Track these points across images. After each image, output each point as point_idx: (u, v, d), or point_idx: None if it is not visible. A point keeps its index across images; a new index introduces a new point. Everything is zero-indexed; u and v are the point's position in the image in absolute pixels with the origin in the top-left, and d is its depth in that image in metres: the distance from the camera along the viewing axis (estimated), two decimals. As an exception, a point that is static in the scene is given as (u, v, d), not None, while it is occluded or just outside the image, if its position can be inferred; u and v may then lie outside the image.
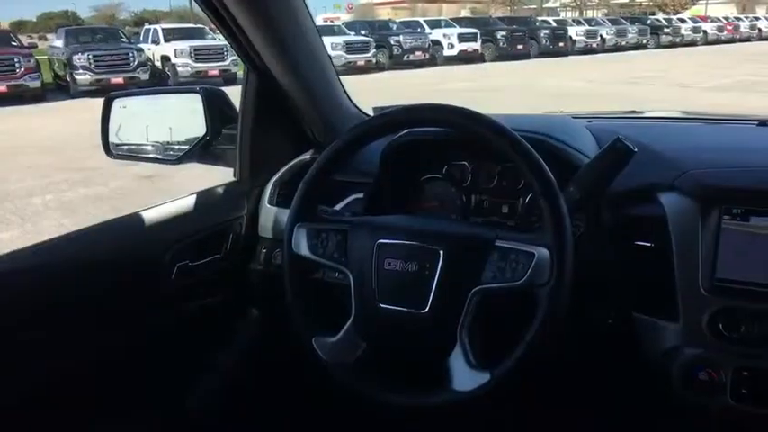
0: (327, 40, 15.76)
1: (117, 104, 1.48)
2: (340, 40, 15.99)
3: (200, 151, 1.47)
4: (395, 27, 18.63)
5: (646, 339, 1.10)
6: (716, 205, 1.05)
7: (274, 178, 1.46)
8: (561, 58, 19.33)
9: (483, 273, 0.95)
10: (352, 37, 16.72)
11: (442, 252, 0.97)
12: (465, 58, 17.94)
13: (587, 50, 20.85)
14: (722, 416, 1.05)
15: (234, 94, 1.49)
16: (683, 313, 1.05)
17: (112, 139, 1.49)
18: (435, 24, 18.86)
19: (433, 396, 0.96)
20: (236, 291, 1.43)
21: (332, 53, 15.60)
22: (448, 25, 18.82)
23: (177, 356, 1.31)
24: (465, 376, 0.94)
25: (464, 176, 1.35)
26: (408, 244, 1.00)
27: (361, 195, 1.36)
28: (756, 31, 27.50)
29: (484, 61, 18.39)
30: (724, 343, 1.01)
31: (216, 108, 1.44)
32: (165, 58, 15.27)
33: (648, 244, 1.10)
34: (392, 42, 17.10)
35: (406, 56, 17.14)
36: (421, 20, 19.08)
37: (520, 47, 19.07)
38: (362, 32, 17.65)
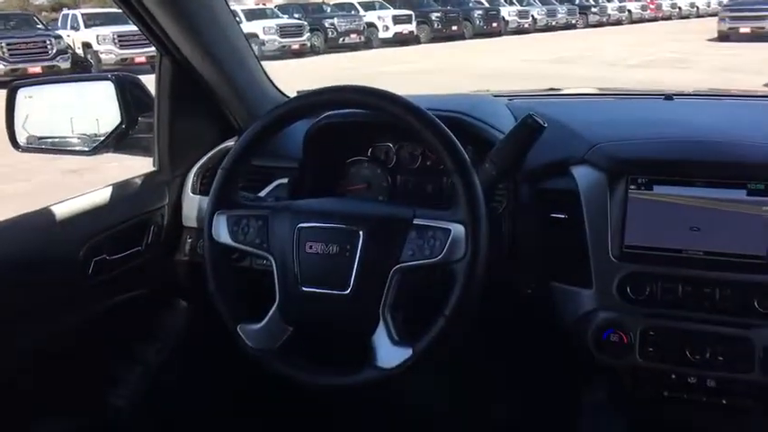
0: (260, 24, 15.42)
1: (22, 94, 1.41)
2: (273, 23, 15.62)
3: (117, 141, 1.41)
4: (329, 10, 18.33)
5: (563, 306, 1.15)
6: (622, 176, 1.10)
7: (197, 166, 1.43)
8: (495, 39, 19.63)
9: (402, 251, 0.97)
10: (285, 20, 16.35)
11: (361, 233, 0.98)
12: (401, 40, 17.89)
13: (520, 31, 21.21)
14: (631, 373, 1.11)
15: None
16: (595, 280, 1.10)
17: (19, 131, 1.41)
18: (370, 6, 18.66)
19: (358, 375, 0.98)
20: (161, 283, 1.40)
21: (265, 37, 15.41)
22: (382, 7, 18.66)
23: (100, 354, 1.28)
24: (388, 353, 0.96)
25: (389, 158, 1.37)
26: (328, 227, 1.00)
27: (285, 180, 1.35)
28: (677, 9, 28.76)
29: (419, 43, 18.40)
30: (632, 306, 1.08)
31: (130, 95, 1.39)
32: (86, 45, 14.52)
33: (563, 215, 1.14)
34: (327, 25, 16.82)
35: (341, 39, 16.92)
36: (355, 2, 18.81)
37: (454, 28, 19.18)
38: (296, 16, 17.28)
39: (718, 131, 1.18)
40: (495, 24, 20.36)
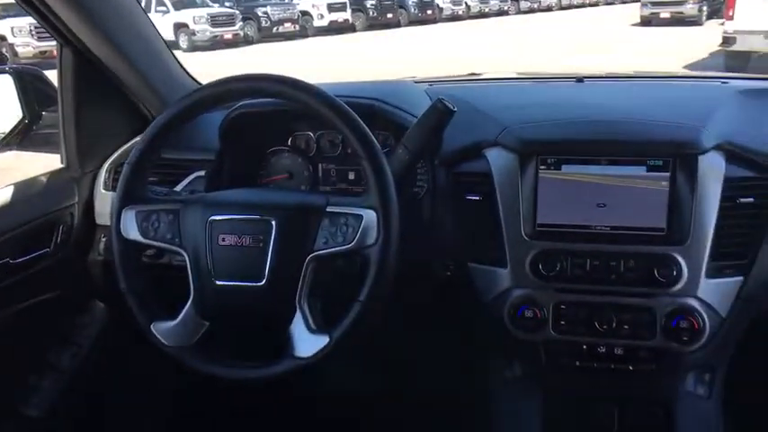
0: (189, 14, 14.92)
1: None
2: (203, 12, 15.14)
3: (20, 138, 1.34)
4: (262, -2, 18.00)
5: (481, 285, 1.18)
6: (532, 157, 1.14)
7: (108, 162, 1.38)
8: (431, 26, 19.76)
9: (316, 239, 0.97)
10: (216, 9, 15.87)
11: (274, 223, 0.97)
12: (336, 29, 17.71)
13: (454, 17, 21.43)
14: (546, 346, 1.16)
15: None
16: (509, 259, 1.13)
17: None
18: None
19: (276, 366, 0.97)
20: (75, 284, 1.34)
21: (195, 27, 14.95)
22: (315, -6, 18.48)
23: (11, 362, 1.21)
24: (306, 342, 0.96)
25: (309, 146, 1.36)
26: (240, 218, 0.99)
27: (203, 173, 1.32)
28: (603, -5, 29.87)
29: (355, 31, 18.32)
30: (544, 282, 1.11)
31: (33, 89, 1.32)
32: (0, 38, 13.66)
33: (477, 197, 1.17)
34: (260, 14, 16.42)
35: (275, 28, 16.57)
36: (287, -11, 18.54)
37: (390, 15, 19.17)
38: (227, 4, 16.82)
39: (622, 112, 1.24)
40: (429, 12, 20.48)
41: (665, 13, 15.57)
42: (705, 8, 15.56)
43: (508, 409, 1.24)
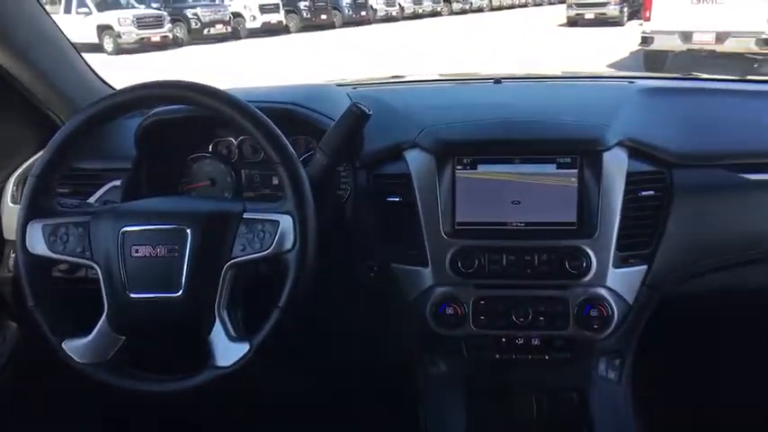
0: (114, 15, 14.35)
1: None
2: (129, 14, 14.58)
3: None
4: (191, -1, 17.52)
5: (404, 285, 1.20)
6: (449, 157, 1.17)
7: (16, 174, 1.31)
8: (365, 27, 19.82)
9: (234, 246, 0.96)
10: (142, 10, 15.32)
11: (189, 231, 0.96)
12: (269, 30, 17.48)
13: (389, 19, 21.60)
14: (467, 341, 1.19)
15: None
16: (430, 258, 1.16)
17: None
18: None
19: (197, 377, 0.96)
20: None
21: (121, 29, 14.40)
22: (249, -5, 18.17)
23: None
24: (226, 351, 0.95)
25: (231, 152, 1.35)
26: (154, 228, 0.97)
27: (119, 182, 1.28)
28: (532, -3, 30.86)
29: (289, 32, 18.14)
30: (464, 279, 1.15)
31: None
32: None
33: (398, 199, 1.19)
34: (189, 15, 15.98)
35: (206, 29, 16.16)
36: (218, -10, 18.12)
37: (324, 17, 19.09)
38: (154, 5, 16.26)
39: (535, 112, 1.29)
40: (363, 13, 20.54)
41: (589, 14, 16.25)
42: (626, 9, 16.34)
43: (434, 405, 1.27)
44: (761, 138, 1.23)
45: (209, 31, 16.21)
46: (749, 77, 1.86)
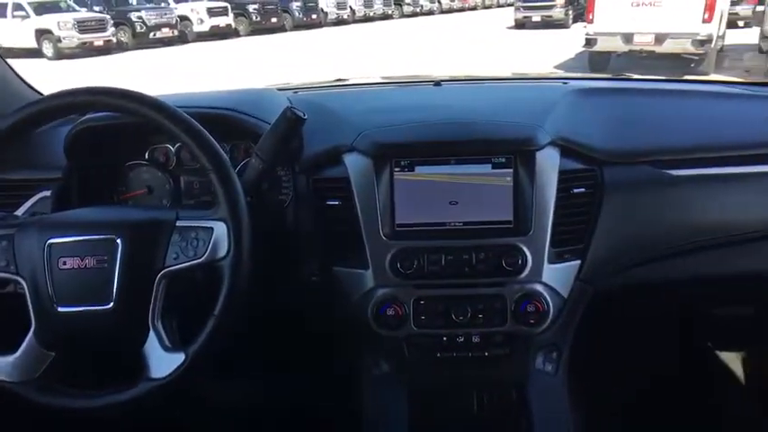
0: (53, 19, 13.83)
1: None
2: (69, 18, 14.04)
3: None
4: (135, 2, 16.99)
5: (346, 288, 1.20)
6: (386, 160, 1.18)
7: None
8: (316, 30, 19.74)
9: (167, 255, 0.95)
10: (84, 14, 14.80)
11: (119, 241, 0.94)
12: (218, 34, 17.21)
13: (340, 22, 21.59)
14: (409, 341, 1.20)
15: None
16: (370, 260, 1.17)
17: None
18: (181, -3, 17.72)
19: (131, 390, 0.94)
20: None
21: (61, 33, 13.91)
22: (194, -1, 17.83)
23: None
24: (161, 362, 0.93)
25: (169, 159, 1.32)
26: (82, 239, 0.94)
27: (49, 193, 1.24)
28: (480, 0, 31.33)
29: (239, 36, 17.91)
30: (404, 280, 1.16)
31: None
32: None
33: (338, 202, 1.19)
34: (134, 19, 15.56)
35: (152, 33, 15.76)
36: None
37: (274, 20, 18.91)
38: (96, 9, 15.74)
39: (471, 113, 1.31)
40: (314, 16, 20.47)
41: (536, 17, 16.67)
42: (571, 12, 16.83)
43: (377, 406, 1.28)
44: (685, 135, 1.29)
45: (154, 34, 15.82)
46: (678, 77, 1.95)
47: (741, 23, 13.48)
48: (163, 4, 16.84)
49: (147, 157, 1.32)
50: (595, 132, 1.24)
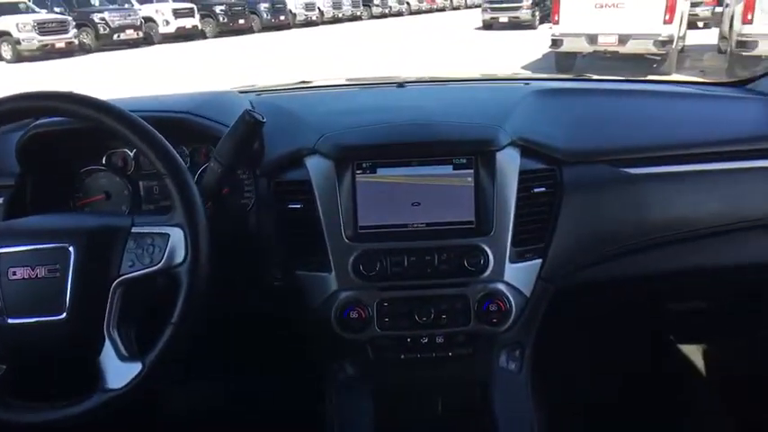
0: (12, 21, 13.46)
1: None
2: (28, 19, 13.66)
3: None
4: (98, 3, 16.62)
5: (309, 292, 1.19)
6: (348, 162, 1.17)
7: None
8: (285, 32, 19.63)
9: (122, 263, 0.93)
10: (44, 15, 14.41)
11: (72, 249, 0.91)
12: (184, 35, 16.96)
13: (309, 23, 21.51)
14: (373, 344, 1.20)
15: None
16: (333, 263, 1.16)
17: None
18: (146, -1, 17.43)
19: (85, 402, 0.91)
20: None
21: (20, 35, 13.54)
22: (160, 0, 17.53)
23: None
24: (117, 372, 0.91)
25: (127, 164, 1.29)
26: (32, 248, 0.92)
27: (1, 200, 1.20)
28: (449, 1, 31.62)
29: (206, 38, 17.69)
30: (367, 282, 1.15)
31: None
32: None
33: (299, 206, 1.18)
34: (97, 20, 15.21)
35: (115, 35, 15.43)
36: (128, -6, 17.36)
37: (241, 21, 18.73)
38: (57, 10, 15.33)
39: (433, 114, 1.31)
40: (283, 18, 20.34)
41: (503, 18, 16.89)
42: (537, 13, 17.08)
43: (341, 409, 1.27)
44: (642, 134, 1.31)
45: (118, 36, 15.50)
46: (637, 78, 1.99)
47: (701, 24, 13.88)
48: (127, 6, 16.50)
49: (104, 161, 1.29)
50: (555, 132, 1.26)
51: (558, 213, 1.20)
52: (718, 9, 10.96)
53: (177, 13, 16.90)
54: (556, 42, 9.05)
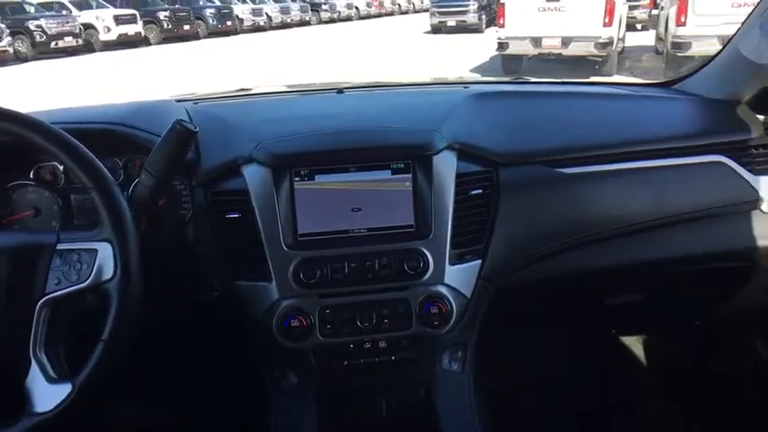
0: (-61, 29, 12.80)
1: None
2: (-42, 27, 13.09)
3: None
4: (33, 9, 15.94)
5: (249, 302, 1.17)
6: (286, 170, 1.16)
7: None
8: (232, 37, 19.36)
9: (48, 281, 0.90)
10: (-26, 23, 13.83)
11: None
12: (127, 42, 16.52)
13: (256, 28, 21.28)
14: (316, 351, 1.20)
15: None
16: (273, 272, 1.15)
17: None
18: (85, 5, 16.79)
19: (10, 429, 0.87)
20: None
21: (-51, 44, 12.79)
22: (100, 6, 16.95)
23: None
24: (45, 395, 0.88)
25: (57, 178, 1.25)
26: None
27: None
28: (397, 6, 31.88)
29: (150, 44, 17.27)
30: (308, 290, 1.15)
31: None
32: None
33: (237, 215, 1.16)
34: (32, 28, 14.57)
35: (53, 43, 14.83)
36: (66, 1, 16.74)
37: (186, 27, 18.37)
38: (-12, 17, 14.74)
39: (371, 120, 1.32)
40: (229, 23, 20.06)
41: (451, 22, 17.14)
42: (484, 17, 17.40)
43: (285, 417, 1.26)
44: (575, 134, 1.35)
45: (56, 44, 14.91)
46: (571, 80, 2.05)
47: (639, 26, 14.43)
48: (65, 12, 15.90)
49: (32, 176, 1.24)
50: (492, 135, 1.28)
51: (495, 214, 1.23)
52: (655, 12, 11.44)
53: (119, 20, 16.42)
54: (502, 45, 9.25)
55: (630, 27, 12.02)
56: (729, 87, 1.39)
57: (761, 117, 1.38)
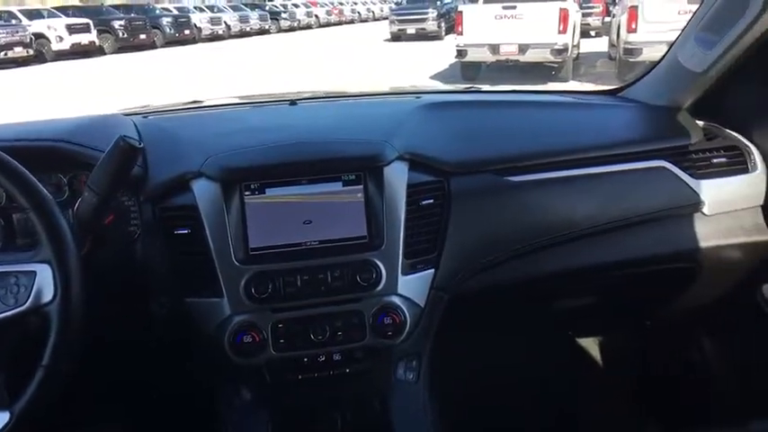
0: None
1: None
2: None
3: None
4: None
5: (200, 319, 1.15)
6: (236, 184, 1.15)
7: None
8: (189, 47, 19.07)
9: None
10: None
11: None
12: (80, 52, 16.10)
13: (215, 37, 21.02)
14: (269, 366, 1.18)
15: None
16: (224, 288, 1.13)
17: None
18: (36, 15, 16.31)
19: None
20: None
21: None
22: (52, 15, 16.49)
23: None
24: None
25: None
26: None
27: None
28: (357, 14, 31.99)
29: (104, 54, 16.86)
30: (260, 305, 1.13)
31: None
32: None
33: (186, 231, 1.14)
34: (-22, 38, 14.17)
35: (2, 53, 14.33)
36: (15, 9, 16.21)
37: (143, 36, 18.02)
38: (-66, 28, 14.16)
39: (323, 132, 1.32)
40: (187, 32, 19.77)
41: (410, 30, 17.27)
42: (443, 25, 17.59)
43: None
44: (523, 143, 1.38)
45: (5, 54, 14.42)
46: (522, 89, 2.10)
47: (593, 33, 14.81)
48: (14, 21, 15.40)
49: None
50: (443, 145, 1.29)
51: (447, 223, 1.24)
52: (608, 19, 11.77)
53: (71, 29, 15.99)
54: (461, 53, 9.38)
55: (585, 34, 12.33)
56: (670, 95, 1.44)
57: (700, 123, 1.44)
